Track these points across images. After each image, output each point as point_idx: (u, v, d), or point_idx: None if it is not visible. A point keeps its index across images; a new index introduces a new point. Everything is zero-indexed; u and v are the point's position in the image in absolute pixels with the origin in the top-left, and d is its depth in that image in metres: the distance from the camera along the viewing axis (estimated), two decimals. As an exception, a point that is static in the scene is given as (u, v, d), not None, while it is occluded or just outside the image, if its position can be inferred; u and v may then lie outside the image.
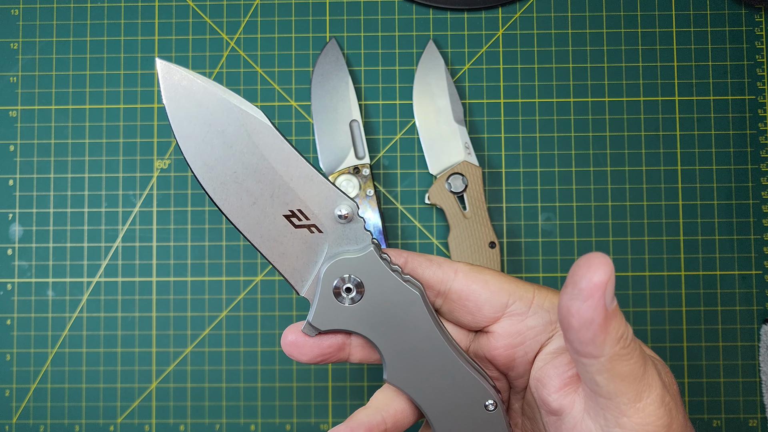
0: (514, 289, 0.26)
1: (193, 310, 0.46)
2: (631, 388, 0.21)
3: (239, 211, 0.25)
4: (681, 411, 0.23)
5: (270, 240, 0.25)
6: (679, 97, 0.47)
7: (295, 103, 0.47)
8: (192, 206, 0.47)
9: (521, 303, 0.26)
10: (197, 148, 0.25)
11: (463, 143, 0.46)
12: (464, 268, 0.26)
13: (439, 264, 0.26)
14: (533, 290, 0.26)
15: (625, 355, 0.21)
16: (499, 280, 0.26)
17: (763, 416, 0.45)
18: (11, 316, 0.47)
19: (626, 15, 0.48)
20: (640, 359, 0.22)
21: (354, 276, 0.25)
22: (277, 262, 0.26)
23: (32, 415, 0.46)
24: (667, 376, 0.24)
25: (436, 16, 0.48)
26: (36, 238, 0.47)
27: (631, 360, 0.21)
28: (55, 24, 0.48)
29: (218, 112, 0.25)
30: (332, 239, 0.26)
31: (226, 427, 0.46)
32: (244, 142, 0.25)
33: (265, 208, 0.25)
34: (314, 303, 0.25)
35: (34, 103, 0.48)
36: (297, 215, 0.26)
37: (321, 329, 0.25)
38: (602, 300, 0.20)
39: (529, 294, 0.26)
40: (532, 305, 0.26)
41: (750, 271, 0.46)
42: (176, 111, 0.24)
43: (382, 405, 0.26)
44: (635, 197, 0.47)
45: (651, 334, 0.46)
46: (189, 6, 0.48)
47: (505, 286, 0.26)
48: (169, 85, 0.24)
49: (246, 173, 0.25)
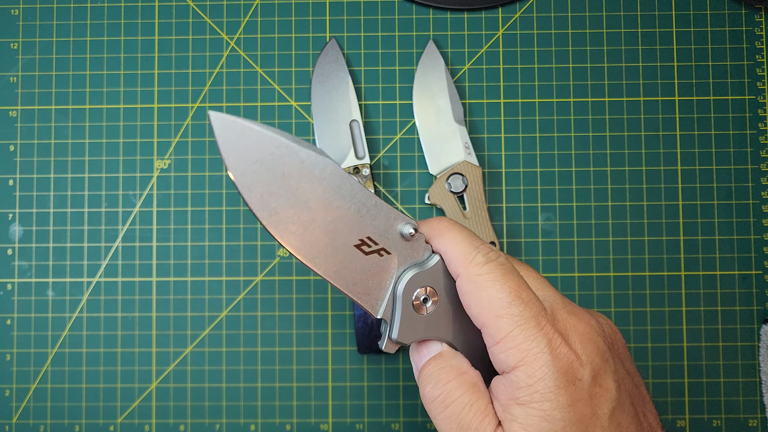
0: (488, 323, 0.24)
1: (193, 310, 0.46)
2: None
3: (312, 251, 0.25)
4: None
5: (344, 271, 0.25)
6: (679, 97, 0.47)
7: (295, 103, 0.47)
8: (192, 206, 0.47)
9: (488, 339, 0.25)
10: (262, 197, 0.24)
11: (463, 143, 0.46)
12: (463, 277, 0.25)
13: (449, 262, 0.26)
14: (503, 334, 0.24)
15: (433, 418, 0.25)
16: (479, 308, 0.25)
17: (763, 416, 0.45)
18: (11, 316, 0.47)
19: (626, 15, 0.48)
20: (444, 424, 0.24)
21: (429, 286, 0.26)
22: (351, 291, 0.26)
23: (32, 415, 0.46)
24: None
25: (436, 16, 0.48)
26: (36, 238, 0.47)
27: (437, 423, 0.25)
28: (55, 24, 0.48)
29: (279, 157, 0.24)
30: (400, 258, 0.26)
31: (226, 427, 0.46)
32: (308, 182, 0.24)
33: (337, 242, 0.25)
34: (396, 320, 0.26)
35: (34, 103, 0.48)
36: (366, 242, 0.26)
37: (405, 343, 0.26)
38: None
39: (497, 335, 0.24)
40: (493, 347, 0.24)
41: (750, 271, 0.46)
42: (236, 162, 0.23)
43: None
44: (635, 197, 0.47)
45: (651, 334, 0.46)
46: (189, 6, 0.48)
47: (481, 317, 0.25)
48: (225, 137, 0.23)
49: (314, 211, 0.25)
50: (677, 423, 0.46)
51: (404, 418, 0.46)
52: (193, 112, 0.47)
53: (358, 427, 0.46)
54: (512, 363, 0.23)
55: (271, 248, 0.47)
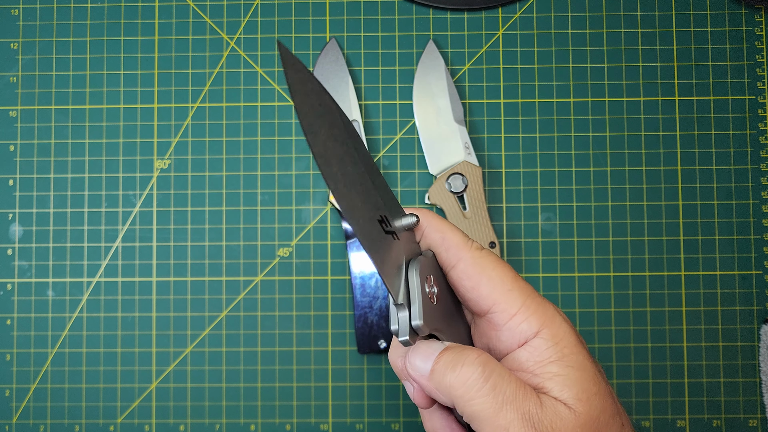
0: (500, 299, 0.25)
1: (193, 310, 0.46)
2: (484, 429, 0.23)
3: (353, 211, 0.23)
4: None
5: (376, 243, 0.24)
6: (679, 97, 0.47)
7: (295, 103, 0.47)
8: (192, 206, 0.47)
9: (501, 316, 0.25)
10: (324, 144, 0.23)
11: (463, 143, 0.46)
12: (467, 260, 0.26)
13: (447, 248, 0.26)
14: (519, 305, 0.25)
15: (470, 400, 0.23)
16: (489, 287, 0.25)
17: (763, 416, 0.45)
18: (11, 316, 0.47)
19: (626, 15, 0.48)
20: (488, 399, 0.23)
21: (433, 276, 0.26)
22: (382, 270, 0.24)
23: (32, 415, 0.46)
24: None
25: (436, 16, 0.48)
26: (36, 238, 0.47)
27: (479, 401, 0.23)
28: (55, 24, 0.48)
29: (334, 111, 0.24)
30: (404, 246, 0.26)
31: (226, 427, 0.46)
32: (351, 141, 0.24)
33: (369, 212, 0.24)
34: (417, 305, 0.24)
35: (34, 103, 0.48)
36: (384, 220, 0.25)
37: (424, 334, 0.25)
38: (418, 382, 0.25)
39: (513, 309, 0.25)
40: (510, 322, 0.25)
41: (750, 271, 0.46)
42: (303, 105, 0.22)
43: None
44: (635, 197, 0.47)
45: (651, 334, 0.46)
46: (189, 6, 0.48)
47: (492, 295, 0.25)
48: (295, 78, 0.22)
49: (353, 173, 0.24)
50: (677, 423, 0.46)
51: (404, 418, 0.46)
52: (193, 112, 0.47)
53: (358, 427, 0.46)
54: (535, 328, 0.24)
55: (271, 248, 0.47)
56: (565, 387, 0.23)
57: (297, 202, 0.47)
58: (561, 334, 0.24)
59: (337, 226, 0.47)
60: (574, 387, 0.23)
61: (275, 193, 0.47)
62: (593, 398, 0.23)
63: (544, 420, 0.22)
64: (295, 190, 0.47)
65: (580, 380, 0.24)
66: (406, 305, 0.24)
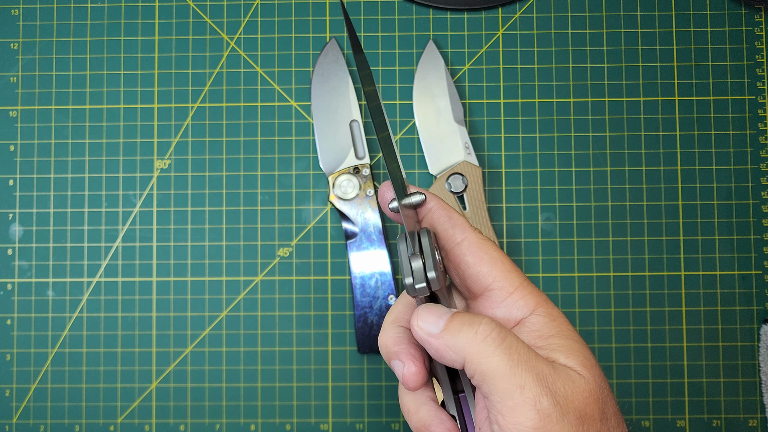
0: (500, 277, 0.26)
1: (193, 310, 0.46)
2: (499, 386, 0.23)
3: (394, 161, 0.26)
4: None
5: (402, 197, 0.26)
6: (679, 97, 0.47)
7: (295, 103, 0.47)
8: (192, 206, 0.47)
9: (500, 293, 0.26)
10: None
11: (463, 143, 0.46)
12: (471, 239, 0.27)
13: (453, 225, 0.27)
14: (517, 284, 0.26)
15: (487, 356, 0.23)
16: (490, 265, 0.27)
17: (763, 416, 0.45)
18: (11, 316, 0.47)
19: (626, 15, 0.48)
20: (505, 356, 0.23)
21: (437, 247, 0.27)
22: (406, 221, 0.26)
23: (32, 415, 0.46)
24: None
25: (436, 16, 0.48)
26: (36, 238, 0.47)
27: (496, 358, 0.23)
28: (55, 24, 0.48)
29: None
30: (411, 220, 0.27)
31: (226, 427, 0.46)
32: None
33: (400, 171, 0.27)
34: (430, 260, 0.25)
35: (34, 103, 0.48)
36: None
37: (435, 288, 0.25)
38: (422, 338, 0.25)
39: (511, 287, 0.26)
40: (507, 299, 0.26)
41: (750, 271, 0.46)
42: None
43: None
44: (635, 197, 0.47)
45: (651, 334, 0.46)
46: (189, 6, 0.48)
47: (493, 272, 0.27)
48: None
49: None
50: (677, 423, 0.46)
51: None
52: (193, 112, 0.47)
53: (358, 427, 0.46)
54: (532, 305, 0.26)
55: (271, 248, 0.47)
56: (571, 355, 0.24)
57: (297, 202, 0.47)
58: (555, 313, 0.26)
59: (337, 226, 0.47)
60: (579, 356, 0.24)
61: (275, 193, 0.47)
62: (596, 368, 0.24)
63: (557, 382, 0.23)
64: (295, 190, 0.47)
65: (582, 350, 0.25)
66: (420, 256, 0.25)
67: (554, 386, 0.23)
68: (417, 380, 0.26)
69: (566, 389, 0.23)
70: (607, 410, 0.24)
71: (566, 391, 0.23)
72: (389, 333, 0.27)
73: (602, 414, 0.23)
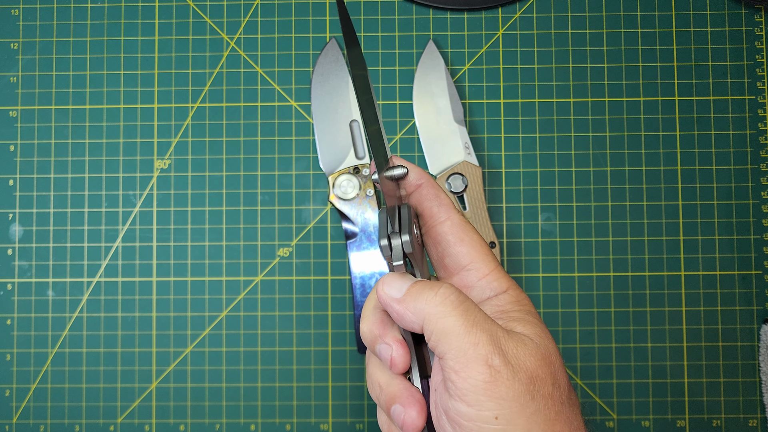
0: (477, 258, 0.28)
1: (193, 310, 0.46)
2: (453, 344, 0.24)
3: (379, 137, 0.27)
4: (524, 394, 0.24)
5: (383, 170, 0.27)
6: (679, 97, 0.47)
7: (295, 103, 0.47)
8: (192, 206, 0.47)
9: (476, 273, 0.28)
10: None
11: (463, 143, 0.46)
12: (455, 219, 0.28)
13: (439, 204, 0.29)
14: (492, 267, 0.28)
15: (444, 316, 0.24)
16: (469, 246, 0.28)
17: (763, 416, 0.45)
18: (11, 316, 0.47)
19: (626, 15, 0.48)
20: (461, 317, 0.24)
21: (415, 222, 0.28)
22: (385, 195, 0.27)
23: (32, 415, 0.46)
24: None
25: (436, 16, 0.48)
26: (36, 238, 0.47)
27: (452, 318, 0.24)
28: (55, 24, 0.48)
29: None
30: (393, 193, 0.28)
31: (226, 427, 0.46)
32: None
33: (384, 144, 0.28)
34: (407, 236, 0.26)
35: (34, 103, 0.48)
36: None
37: (408, 249, 0.26)
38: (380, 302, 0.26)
39: (487, 269, 0.28)
40: (482, 280, 0.28)
41: (750, 271, 0.46)
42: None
43: None
44: (635, 197, 0.47)
45: (651, 334, 0.46)
46: (189, 6, 0.48)
47: (471, 253, 0.28)
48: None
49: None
50: (677, 423, 0.46)
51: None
52: (193, 112, 0.47)
53: (358, 427, 0.46)
54: (504, 286, 0.28)
55: (271, 248, 0.47)
56: (527, 327, 0.26)
57: (297, 202, 0.47)
58: (522, 297, 0.28)
59: (337, 226, 0.47)
60: (536, 329, 0.26)
61: (275, 193, 0.47)
62: (550, 344, 0.26)
63: (510, 343, 0.24)
64: (295, 190, 0.47)
65: (539, 325, 0.26)
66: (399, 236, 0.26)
67: (506, 347, 0.24)
68: (405, 361, 0.27)
69: (518, 351, 0.24)
70: (559, 378, 0.25)
71: (518, 353, 0.24)
72: (372, 318, 0.28)
73: (554, 379, 0.24)
